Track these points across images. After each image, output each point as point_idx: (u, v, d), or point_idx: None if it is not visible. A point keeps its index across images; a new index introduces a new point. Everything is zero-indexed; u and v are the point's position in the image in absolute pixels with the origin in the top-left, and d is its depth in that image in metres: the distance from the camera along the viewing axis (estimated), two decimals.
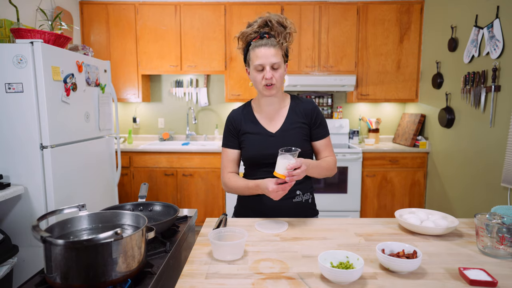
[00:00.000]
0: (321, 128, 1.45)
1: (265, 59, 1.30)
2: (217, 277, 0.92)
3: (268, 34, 1.33)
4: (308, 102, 1.46)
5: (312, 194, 1.49)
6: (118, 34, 3.63)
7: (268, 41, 1.31)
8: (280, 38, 1.33)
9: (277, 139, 1.39)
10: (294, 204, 1.41)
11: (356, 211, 3.49)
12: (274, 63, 1.31)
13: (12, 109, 2.01)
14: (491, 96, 2.51)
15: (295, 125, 1.41)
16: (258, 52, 1.31)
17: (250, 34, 1.35)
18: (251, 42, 1.35)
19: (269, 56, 1.30)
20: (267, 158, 1.36)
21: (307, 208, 1.45)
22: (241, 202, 1.50)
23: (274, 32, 1.34)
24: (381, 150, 3.47)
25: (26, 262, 2.09)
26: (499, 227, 1.03)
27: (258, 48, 1.31)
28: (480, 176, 2.67)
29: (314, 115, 1.43)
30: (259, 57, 1.31)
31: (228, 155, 1.47)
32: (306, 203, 1.45)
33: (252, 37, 1.35)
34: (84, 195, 2.43)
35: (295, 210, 1.42)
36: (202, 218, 3.47)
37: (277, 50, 1.31)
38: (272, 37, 1.33)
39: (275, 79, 1.32)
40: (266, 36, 1.33)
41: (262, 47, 1.31)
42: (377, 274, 0.93)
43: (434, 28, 3.38)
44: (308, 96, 4.00)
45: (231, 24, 3.61)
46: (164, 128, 4.10)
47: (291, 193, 1.39)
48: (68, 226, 1.02)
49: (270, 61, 1.30)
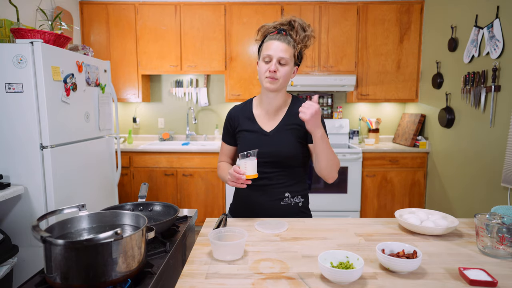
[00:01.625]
0: None
1: (274, 51, 1.31)
2: (217, 277, 0.92)
3: (286, 31, 1.35)
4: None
5: (305, 197, 1.47)
6: (118, 34, 3.63)
7: (282, 37, 1.33)
8: (297, 39, 1.35)
9: (271, 139, 1.39)
10: (282, 206, 1.40)
11: (356, 211, 3.49)
12: (282, 58, 1.31)
13: (12, 109, 2.01)
14: (491, 96, 2.51)
15: (290, 126, 1.41)
16: (270, 44, 1.33)
17: (270, 28, 1.38)
18: (268, 35, 1.37)
19: (279, 50, 1.31)
20: (260, 156, 1.37)
21: (296, 211, 1.43)
22: (236, 200, 1.53)
23: (294, 32, 1.35)
24: (381, 150, 3.47)
25: (26, 262, 2.09)
26: (499, 227, 1.03)
27: (272, 41, 1.33)
28: (480, 176, 2.67)
29: None
30: (269, 48, 1.33)
31: (224, 149, 1.56)
32: (296, 206, 1.43)
33: (271, 31, 1.38)
34: (84, 195, 2.43)
35: (283, 212, 1.41)
36: (202, 218, 3.47)
37: (289, 48, 1.32)
38: (289, 36, 1.34)
39: (279, 74, 1.33)
40: (283, 32, 1.34)
41: (276, 40, 1.33)
42: (377, 274, 0.93)
43: (434, 28, 3.38)
44: (308, 96, 3.98)
45: (231, 24, 3.61)
46: (164, 128, 4.10)
47: (279, 194, 1.39)
48: (68, 226, 1.02)
49: (278, 55, 1.31)
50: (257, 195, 1.41)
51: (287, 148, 1.38)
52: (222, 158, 1.57)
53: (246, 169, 1.25)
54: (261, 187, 1.40)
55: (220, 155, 1.57)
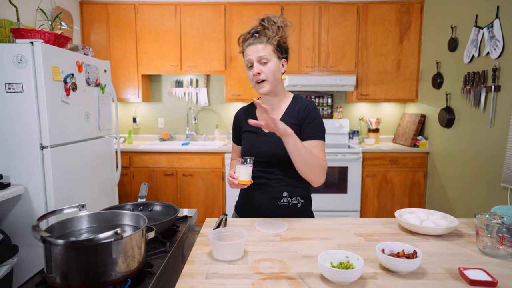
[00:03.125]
0: (312, 128, 1.36)
1: (252, 54, 1.33)
2: (217, 277, 0.92)
3: (258, 33, 1.35)
4: (306, 101, 1.43)
5: (305, 199, 1.45)
6: (118, 34, 3.63)
7: (256, 39, 1.34)
8: (270, 33, 1.34)
9: (269, 139, 1.40)
10: (279, 206, 1.40)
11: (356, 211, 3.49)
12: (261, 57, 1.32)
13: (12, 109, 2.01)
14: (491, 96, 2.51)
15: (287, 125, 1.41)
16: (247, 51, 1.36)
17: (245, 36, 1.40)
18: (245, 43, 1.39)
19: (255, 51, 1.33)
20: (259, 157, 1.39)
21: (295, 212, 1.42)
22: (241, 198, 1.56)
23: (266, 29, 1.35)
24: (381, 150, 3.47)
25: (26, 262, 2.09)
26: (499, 227, 1.03)
27: (247, 47, 1.36)
28: (480, 176, 2.67)
29: (306, 113, 1.37)
30: (247, 54, 1.35)
31: (235, 148, 1.62)
32: (294, 207, 1.42)
33: (246, 37, 1.39)
34: (84, 195, 2.43)
35: (281, 212, 1.40)
36: (202, 218, 3.47)
37: (265, 45, 1.33)
38: (262, 36, 1.35)
39: (264, 74, 1.34)
40: (256, 35, 1.35)
41: (250, 45, 1.35)
42: (377, 274, 0.93)
43: (434, 28, 3.38)
44: (308, 96, 4.00)
45: (231, 24, 3.61)
46: (164, 128, 4.10)
47: (277, 193, 1.40)
48: (68, 226, 1.02)
49: (256, 56, 1.32)
50: (256, 194, 1.44)
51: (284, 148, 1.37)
52: (233, 156, 1.64)
53: (240, 174, 1.29)
54: (260, 185, 1.43)
55: (232, 154, 1.66)
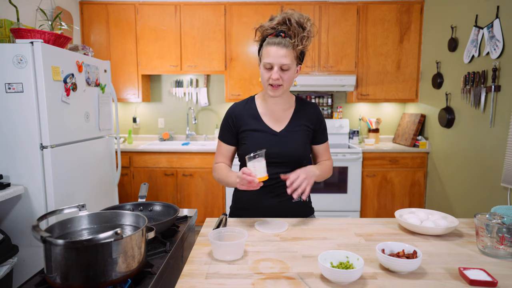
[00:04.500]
0: (324, 133, 1.48)
1: (274, 58, 1.26)
2: (217, 277, 0.92)
3: (285, 33, 1.28)
4: (312, 106, 1.47)
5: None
6: (118, 34, 3.63)
7: (282, 41, 1.26)
8: (296, 40, 1.27)
9: (281, 139, 1.38)
10: (293, 204, 1.42)
11: (356, 211, 3.49)
12: (284, 65, 1.26)
13: (12, 109, 2.01)
14: (491, 96, 2.51)
15: (299, 127, 1.41)
16: (269, 50, 1.27)
17: (267, 29, 1.31)
18: (267, 38, 1.31)
19: (279, 56, 1.25)
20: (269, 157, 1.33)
21: (304, 207, 1.48)
22: (236, 203, 1.50)
23: (291, 32, 1.28)
24: (381, 150, 3.47)
25: (26, 262, 2.09)
26: (499, 227, 1.03)
27: (271, 46, 1.27)
28: (480, 176, 2.67)
29: (319, 121, 1.46)
30: (269, 55, 1.27)
31: (222, 149, 1.46)
32: (304, 203, 1.47)
33: (269, 32, 1.31)
34: (84, 195, 2.43)
35: (294, 210, 1.43)
36: (202, 218, 3.47)
37: (289, 51, 1.26)
38: (287, 37, 1.27)
39: (282, 80, 1.29)
40: (282, 35, 1.27)
41: (275, 46, 1.26)
42: (377, 274, 0.93)
43: (434, 28, 3.38)
44: (308, 96, 4.00)
45: (231, 24, 3.61)
46: (164, 128, 4.10)
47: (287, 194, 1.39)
48: (68, 226, 1.02)
49: (279, 62, 1.26)
50: (267, 198, 1.39)
51: (297, 148, 1.38)
52: (219, 159, 1.46)
53: (256, 171, 1.20)
54: (269, 187, 1.37)
55: (217, 155, 1.47)
